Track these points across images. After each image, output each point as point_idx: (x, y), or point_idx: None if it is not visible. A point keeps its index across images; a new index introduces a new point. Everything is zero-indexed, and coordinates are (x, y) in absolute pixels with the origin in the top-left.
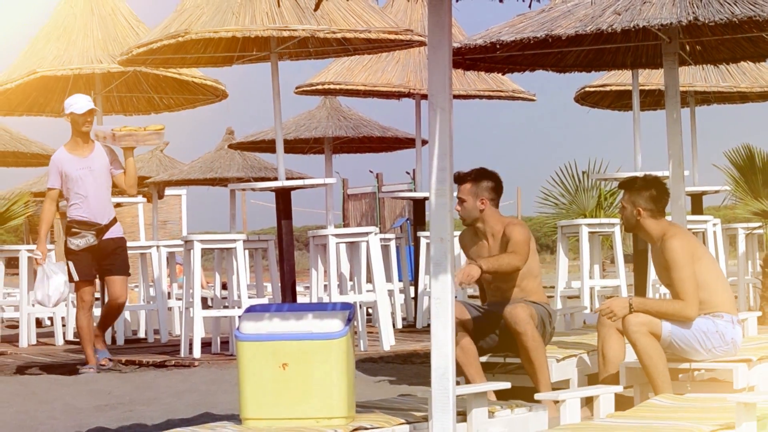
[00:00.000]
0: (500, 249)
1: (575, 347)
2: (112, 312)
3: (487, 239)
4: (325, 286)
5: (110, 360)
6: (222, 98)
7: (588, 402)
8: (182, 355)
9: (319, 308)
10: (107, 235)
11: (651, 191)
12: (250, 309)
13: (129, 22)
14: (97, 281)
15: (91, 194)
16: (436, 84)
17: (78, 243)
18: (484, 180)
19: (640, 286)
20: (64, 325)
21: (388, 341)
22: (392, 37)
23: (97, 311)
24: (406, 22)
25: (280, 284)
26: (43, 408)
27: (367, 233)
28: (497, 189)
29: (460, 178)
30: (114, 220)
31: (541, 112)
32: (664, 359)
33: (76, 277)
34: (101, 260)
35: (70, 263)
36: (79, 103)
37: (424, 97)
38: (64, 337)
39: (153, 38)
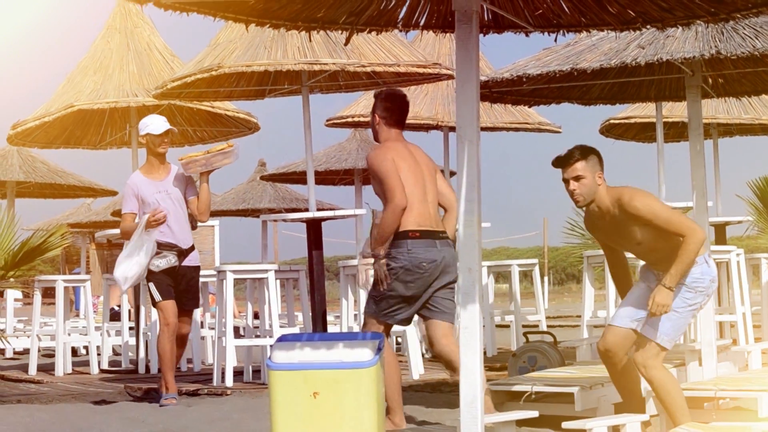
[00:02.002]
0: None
1: (601, 376)
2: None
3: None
4: (356, 315)
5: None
6: (254, 131)
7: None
8: (215, 383)
9: (350, 337)
10: (186, 262)
11: (597, 155)
12: (282, 338)
13: (164, 57)
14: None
15: (171, 219)
16: (464, 116)
17: (158, 264)
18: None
19: None
20: (99, 354)
21: (418, 370)
22: (421, 70)
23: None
24: (434, 56)
25: (311, 314)
26: None
27: None
28: (390, 108)
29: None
30: (192, 247)
31: (567, 144)
32: (681, 390)
33: (158, 297)
34: (178, 286)
35: (151, 284)
36: (155, 123)
37: (452, 129)
38: (99, 366)
39: (187, 72)
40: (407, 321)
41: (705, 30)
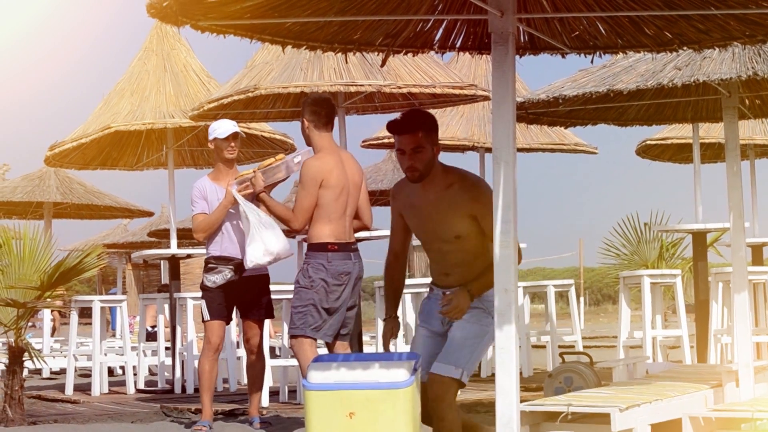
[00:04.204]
0: None
1: (638, 397)
2: (251, 360)
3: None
4: None
5: (264, 423)
6: (290, 152)
7: None
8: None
9: (386, 358)
10: (249, 272)
11: (437, 124)
12: (318, 358)
13: (200, 78)
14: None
15: (233, 227)
16: (500, 138)
17: (214, 279)
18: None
19: (701, 336)
20: (135, 374)
21: None
22: (457, 91)
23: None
24: (470, 77)
25: None
26: None
27: None
28: (317, 112)
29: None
30: None
31: (603, 165)
32: None
33: (207, 317)
34: (242, 299)
35: (203, 301)
36: (222, 127)
37: (488, 150)
38: (135, 386)
39: (223, 94)
40: (333, 337)
41: (742, 51)
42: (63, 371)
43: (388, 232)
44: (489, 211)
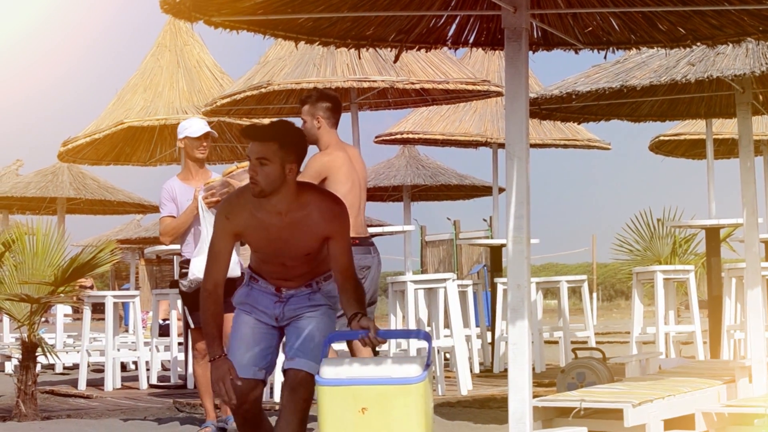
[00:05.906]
0: None
1: (650, 392)
2: None
3: None
4: None
5: None
6: None
7: None
8: (263, 399)
9: (398, 353)
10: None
11: (302, 146)
12: None
13: (213, 74)
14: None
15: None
16: (513, 133)
17: (190, 284)
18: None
19: (714, 332)
20: (148, 370)
21: (466, 386)
22: (470, 87)
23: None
24: (483, 73)
25: None
26: None
27: (444, 279)
28: (332, 109)
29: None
30: None
31: (616, 161)
32: None
33: (191, 324)
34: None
35: (185, 308)
36: (193, 126)
37: (501, 145)
38: (148, 381)
39: (237, 89)
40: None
41: (756, 47)
42: (76, 366)
43: (400, 228)
44: (344, 234)
